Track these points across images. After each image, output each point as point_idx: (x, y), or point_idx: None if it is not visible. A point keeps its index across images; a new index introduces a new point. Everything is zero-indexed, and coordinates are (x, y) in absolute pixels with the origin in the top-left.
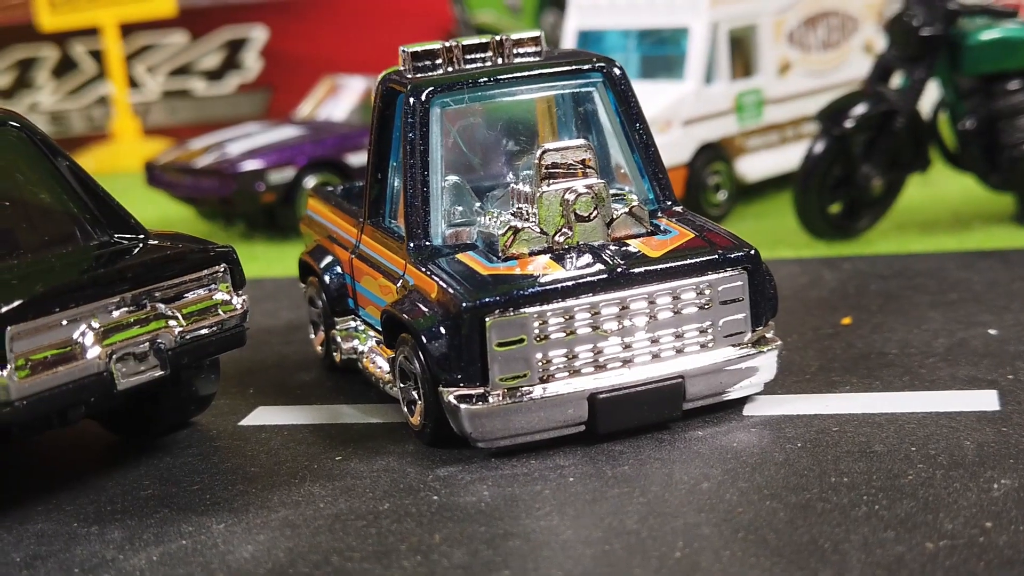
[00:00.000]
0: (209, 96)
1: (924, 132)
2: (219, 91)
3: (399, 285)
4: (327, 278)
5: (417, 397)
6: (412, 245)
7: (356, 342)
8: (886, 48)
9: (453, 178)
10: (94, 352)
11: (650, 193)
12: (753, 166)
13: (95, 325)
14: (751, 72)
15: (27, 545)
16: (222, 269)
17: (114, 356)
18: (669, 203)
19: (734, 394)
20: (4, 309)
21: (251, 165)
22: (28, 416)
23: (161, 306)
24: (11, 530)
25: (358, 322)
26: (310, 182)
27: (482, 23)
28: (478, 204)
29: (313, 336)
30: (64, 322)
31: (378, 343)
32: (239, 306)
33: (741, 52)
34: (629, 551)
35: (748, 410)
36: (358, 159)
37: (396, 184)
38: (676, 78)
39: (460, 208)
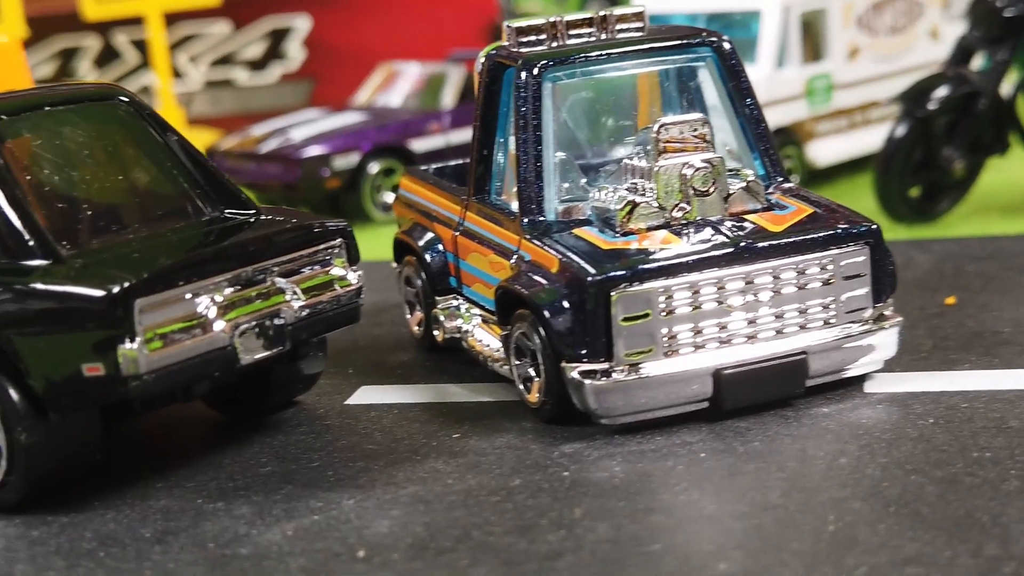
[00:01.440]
0: (252, 86)
1: (1005, 115)
2: (262, 81)
3: (513, 261)
4: (428, 257)
5: (534, 374)
6: (526, 220)
7: (460, 321)
8: (967, 30)
9: (560, 154)
10: (219, 326)
11: (761, 169)
12: (824, 151)
13: (218, 299)
14: (820, 57)
15: (154, 521)
16: (338, 244)
17: (237, 330)
18: (780, 179)
19: (854, 371)
20: (132, 281)
21: (316, 151)
22: (156, 389)
23: (281, 281)
24: (134, 507)
25: (460, 300)
26: (374, 168)
27: (526, 11)
28: (584, 180)
29: (409, 316)
30: (188, 295)
31: (484, 321)
32: (355, 281)
33: (811, 36)
34: (780, 524)
35: (869, 387)
36: (421, 144)
37: (502, 160)
38: (747, 62)
39: (566, 184)
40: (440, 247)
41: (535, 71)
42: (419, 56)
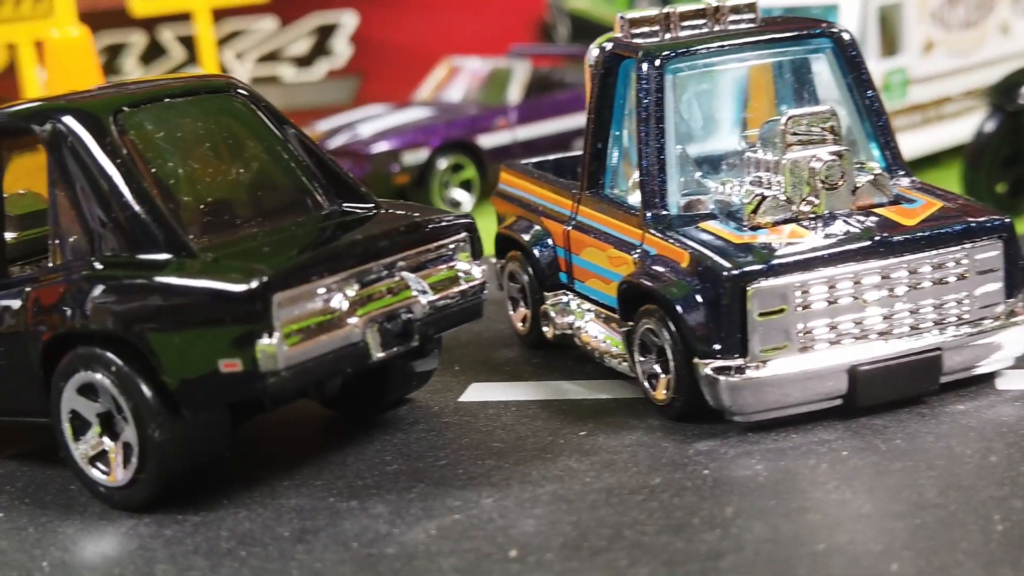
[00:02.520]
0: (298, 83)
1: None
2: (308, 78)
3: (636, 256)
4: (536, 252)
5: (660, 370)
6: (650, 214)
7: (572, 317)
8: None
9: (679, 147)
10: (352, 321)
11: (882, 162)
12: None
13: (350, 293)
14: (896, 51)
15: (290, 520)
16: (463, 238)
17: (369, 325)
18: (901, 172)
19: (986, 368)
20: (271, 275)
21: (385, 146)
22: (293, 386)
23: (409, 275)
24: (266, 505)
25: (571, 296)
26: (442, 163)
27: (575, 8)
28: (698, 173)
29: (512, 312)
30: (322, 290)
31: (598, 316)
32: (479, 276)
33: (887, 30)
34: (943, 524)
35: (1001, 384)
36: (488, 140)
37: (616, 154)
38: None
39: (683, 179)
40: (549, 242)
41: (657, 62)
42: (468, 52)
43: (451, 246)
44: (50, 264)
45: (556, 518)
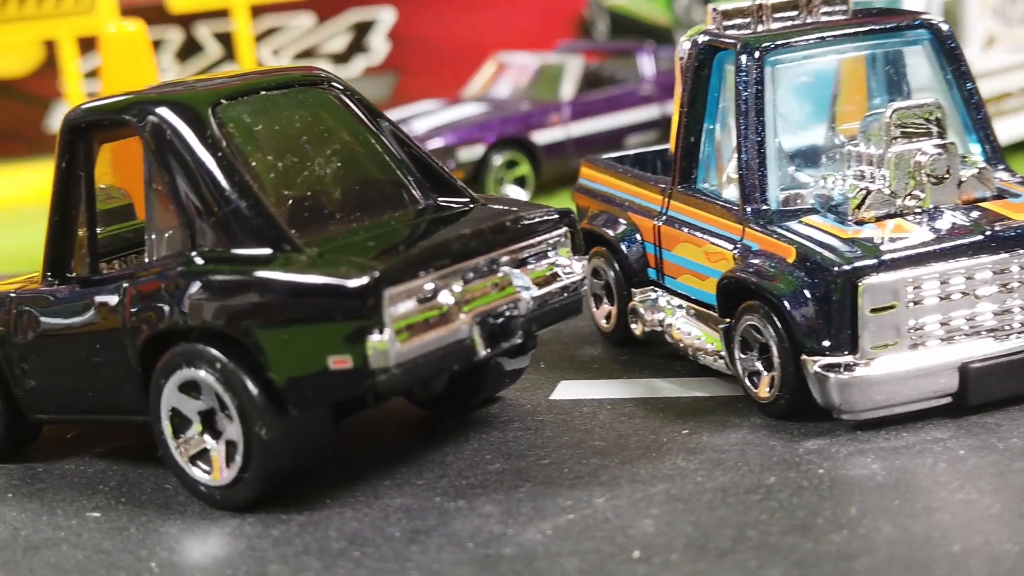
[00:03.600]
0: None
1: None
2: (345, 74)
3: (736, 251)
4: (624, 248)
5: (762, 368)
6: (750, 209)
7: (662, 313)
8: None
9: (777, 140)
10: (460, 317)
11: (983, 155)
12: None
13: (456, 289)
14: None
15: (399, 520)
16: (564, 233)
17: (474, 322)
18: (1001, 166)
19: None
20: (383, 270)
21: (440, 142)
22: (402, 383)
23: (513, 271)
24: (371, 505)
25: (659, 292)
26: (497, 159)
27: (613, 5)
28: (792, 167)
29: (595, 309)
30: (430, 286)
31: (690, 312)
32: (579, 271)
33: (949, 24)
34: None
35: None
36: (542, 137)
37: (709, 148)
38: None
39: (779, 172)
40: (638, 237)
41: (757, 54)
42: (506, 49)
43: (552, 241)
44: (146, 259)
45: (674, 518)
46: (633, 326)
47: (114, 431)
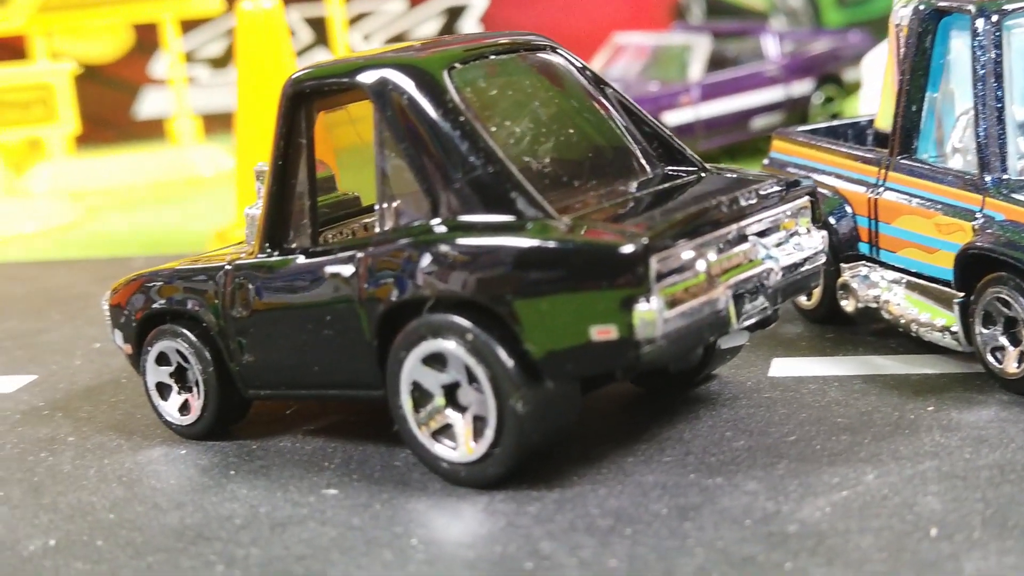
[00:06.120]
0: None
1: None
2: None
3: (976, 223)
4: (832, 221)
5: (1007, 343)
6: (990, 179)
7: (877, 289)
8: None
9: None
10: (717, 288)
11: None
12: None
13: (712, 258)
14: None
15: (659, 497)
16: (806, 203)
17: (728, 292)
18: None
19: None
20: (651, 237)
21: None
22: (667, 355)
23: (761, 241)
24: (623, 483)
25: (872, 267)
26: None
27: None
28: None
29: None
30: (689, 255)
31: (911, 286)
32: (820, 242)
33: None
34: None
35: None
36: (673, 118)
37: (931, 116)
38: None
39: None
40: (847, 210)
41: (995, 18)
42: (600, 33)
43: (796, 210)
44: (378, 229)
45: (958, 495)
46: (844, 303)
47: (319, 407)
